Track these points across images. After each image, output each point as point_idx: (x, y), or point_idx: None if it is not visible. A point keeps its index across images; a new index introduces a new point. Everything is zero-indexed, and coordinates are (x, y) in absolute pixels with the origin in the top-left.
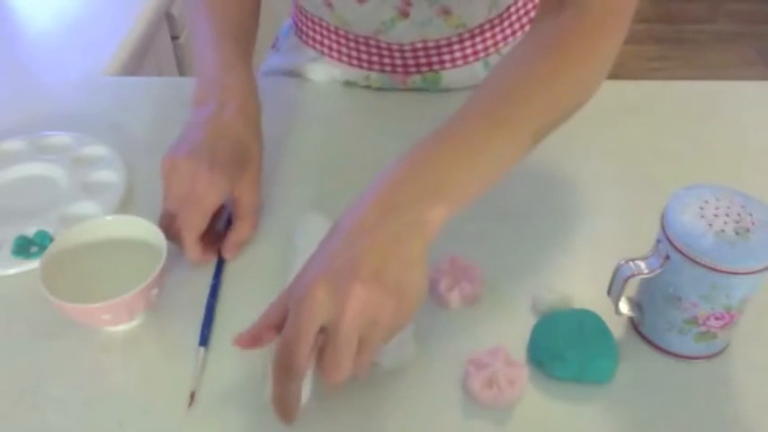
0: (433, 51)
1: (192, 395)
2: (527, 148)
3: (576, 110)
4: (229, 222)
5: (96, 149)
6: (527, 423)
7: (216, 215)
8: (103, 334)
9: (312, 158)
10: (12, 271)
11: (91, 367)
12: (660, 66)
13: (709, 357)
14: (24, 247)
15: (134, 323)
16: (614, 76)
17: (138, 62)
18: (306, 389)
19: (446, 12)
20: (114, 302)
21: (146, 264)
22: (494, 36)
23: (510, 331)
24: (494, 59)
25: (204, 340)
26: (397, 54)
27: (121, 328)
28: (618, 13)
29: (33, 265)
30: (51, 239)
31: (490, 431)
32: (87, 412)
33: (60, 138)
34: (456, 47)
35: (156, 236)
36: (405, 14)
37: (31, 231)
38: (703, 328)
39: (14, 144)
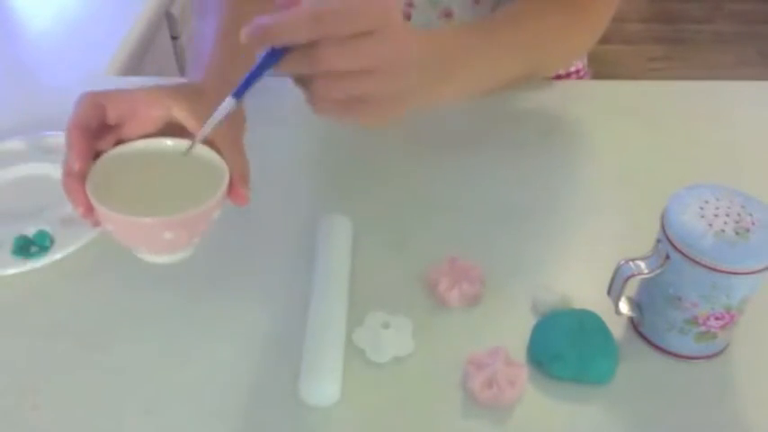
0: None
1: (193, 143)
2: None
3: (565, 64)
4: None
5: None
6: (527, 423)
7: None
8: (103, 334)
9: (314, 159)
10: (11, 271)
11: (91, 367)
12: (660, 66)
13: (709, 357)
14: (24, 247)
15: (185, 254)
16: (614, 76)
17: (138, 62)
18: (336, 386)
19: (448, 15)
20: (180, 218)
21: (196, 187)
22: None
23: (510, 331)
24: None
25: (240, 92)
26: None
27: (170, 258)
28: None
29: (33, 265)
30: (51, 239)
31: (490, 431)
32: (87, 412)
33: (60, 138)
34: None
35: (212, 156)
36: (406, 17)
37: (30, 231)
38: (703, 328)
39: (14, 144)
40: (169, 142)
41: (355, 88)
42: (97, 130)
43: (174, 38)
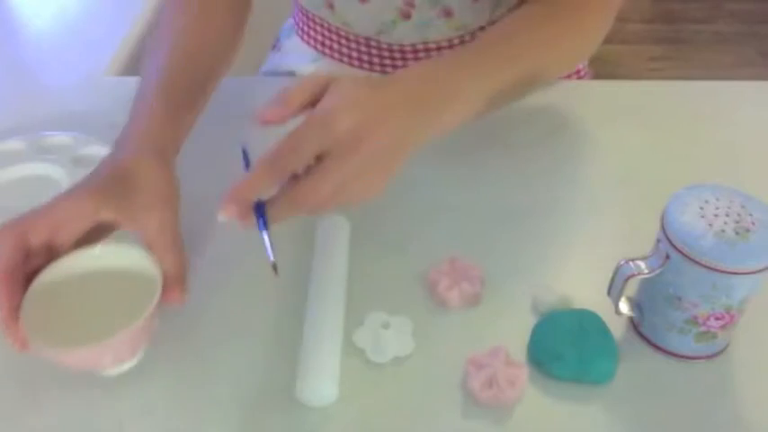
0: (434, 52)
1: (275, 266)
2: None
3: (566, 70)
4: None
5: (96, 149)
6: (527, 423)
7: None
8: None
9: None
10: None
11: None
12: (660, 66)
13: (709, 357)
14: None
15: (132, 363)
16: (614, 75)
17: (138, 62)
18: (334, 386)
19: (448, 14)
20: (115, 341)
21: (131, 296)
22: None
23: (510, 331)
24: None
25: (264, 224)
26: (397, 54)
27: (119, 370)
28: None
29: None
30: None
31: (490, 431)
32: (87, 412)
33: (60, 138)
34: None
35: (143, 260)
36: (406, 16)
37: None
38: (703, 328)
39: (14, 144)
40: (98, 251)
41: (344, 196)
42: (25, 258)
43: None
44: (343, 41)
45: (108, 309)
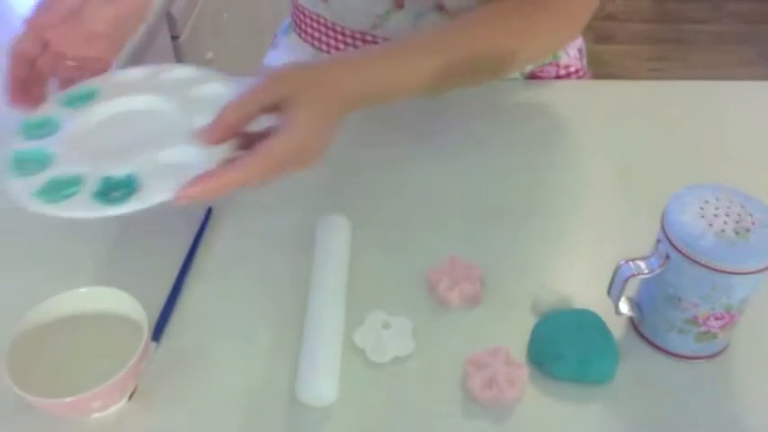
0: None
1: (135, 389)
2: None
3: (497, 75)
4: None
5: (215, 88)
6: (527, 423)
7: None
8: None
9: None
10: (93, 214)
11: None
12: (660, 66)
13: (709, 357)
14: (106, 192)
15: (121, 404)
16: (614, 76)
17: (138, 62)
18: (333, 387)
19: (440, 8)
20: (101, 389)
21: (116, 338)
22: None
23: (510, 331)
24: None
25: (157, 335)
26: None
27: (108, 413)
28: (575, 11)
29: (113, 212)
30: (135, 186)
31: (490, 431)
32: None
33: (180, 71)
34: None
35: (127, 302)
36: (399, 6)
37: (120, 173)
38: (703, 329)
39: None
40: (83, 293)
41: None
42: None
43: (174, 38)
44: (339, 37)
45: (94, 351)
